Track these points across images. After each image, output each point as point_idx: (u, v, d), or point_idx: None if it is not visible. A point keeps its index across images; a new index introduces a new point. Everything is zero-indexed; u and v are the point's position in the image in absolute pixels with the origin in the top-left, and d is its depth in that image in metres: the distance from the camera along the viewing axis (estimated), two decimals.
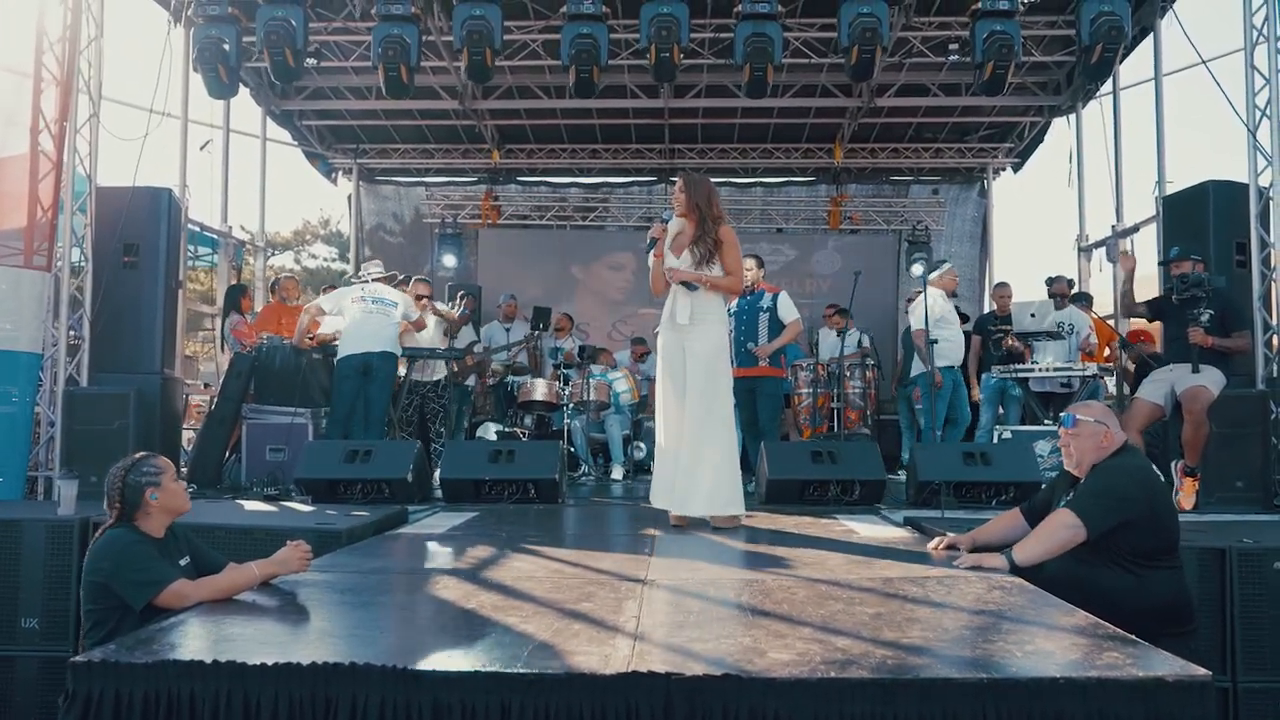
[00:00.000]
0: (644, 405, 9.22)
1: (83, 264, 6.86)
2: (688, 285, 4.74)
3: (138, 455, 3.22)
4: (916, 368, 7.81)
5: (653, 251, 4.82)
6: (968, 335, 9.23)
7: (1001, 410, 8.59)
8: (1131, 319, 7.76)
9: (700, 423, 4.70)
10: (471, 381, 9.49)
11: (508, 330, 9.84)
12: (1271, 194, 6.38)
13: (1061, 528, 3.39)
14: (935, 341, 7.40)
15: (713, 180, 5.01)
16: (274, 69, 7.95)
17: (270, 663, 2.18)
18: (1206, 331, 5.83)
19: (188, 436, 8.64)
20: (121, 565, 2.96)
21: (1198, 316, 5.86)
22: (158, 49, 7.86)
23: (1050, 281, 8.59)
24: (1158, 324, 6.62)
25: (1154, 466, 4.22)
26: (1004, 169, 12.83)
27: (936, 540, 3.92)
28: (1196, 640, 3.60)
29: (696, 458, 4.67)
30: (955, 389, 7.81)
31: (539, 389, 8.55)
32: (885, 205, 13.06)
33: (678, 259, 4.80)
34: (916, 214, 12.75)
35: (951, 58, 9.26)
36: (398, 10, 7.65)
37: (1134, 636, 2.42)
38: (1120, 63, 8.72)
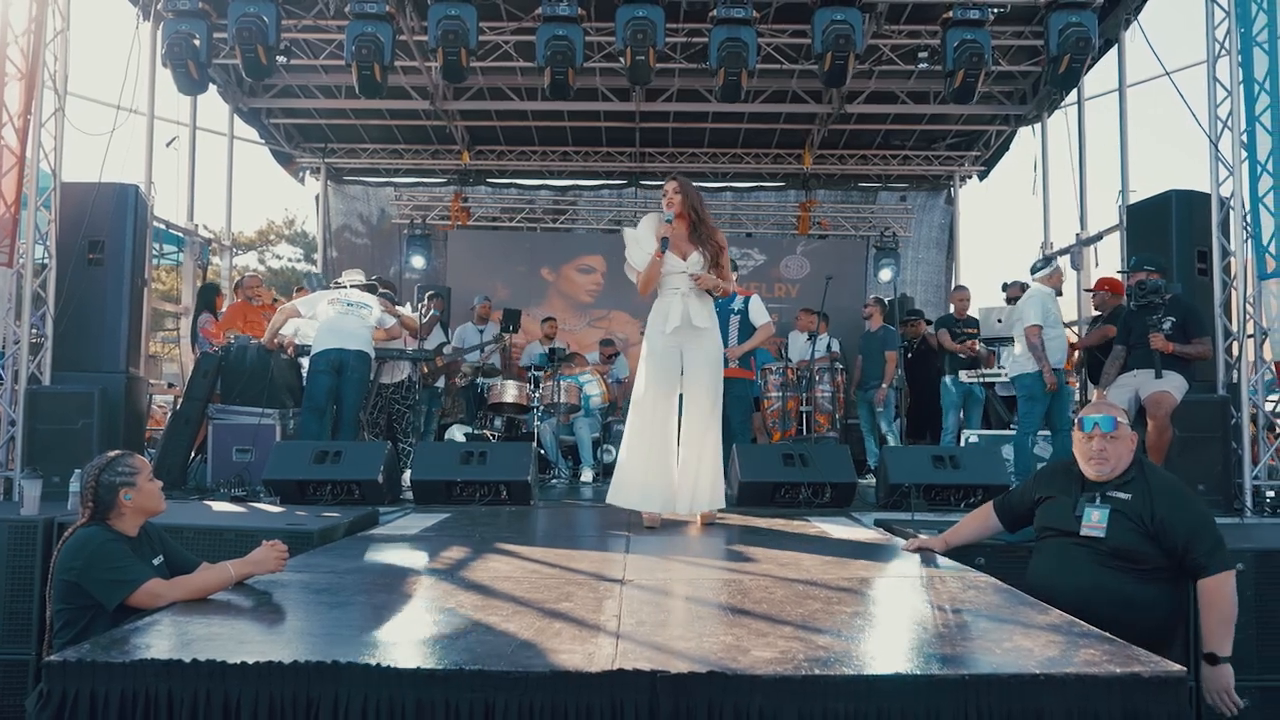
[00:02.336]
0: (613, 409, 9.23)
1: (46, 260, 6.74)
2: (711, 291, 4.85)
3: (113, 454, 3.17)
4: (1023, 367, 6.82)
5: (662, 251, 4.75)
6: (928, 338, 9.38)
7: (963, 414, 8.72)
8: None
9: (706, 424, 4.85)
10: (440, 383, 9.45)
11: (481, 332, 9.84)
12: (1232, 204, 6.51)
13: (1231, 584, 3.17)
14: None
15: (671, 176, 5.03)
16: (245, 66, 7.87)
17: (251, 662, 2.15)
18: (1168, 338, 5.95)
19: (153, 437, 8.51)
20: (94, 564, 2.91)
21: (1159, 323, 5.98)
22: (124, 44, 7.77)
23: (1005, 287, 8.84)
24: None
25: None
26: (970, 177, 13.00)
27: (909, 541, 3.95)
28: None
29: (702, 457, 4.83)
30: (1057, 394, 6.68)
31: (509, 391, 8.52)
32: (854, 211, 13.18)
33: (684, 260, 4.82)
34: (884, 220, 12.88)
35: (921, 66, 9.37)
36: (371, 9, 7.60)
37: (1110, 635, 2.46)
38: (1086, 73, 8.86)
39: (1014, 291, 8.73)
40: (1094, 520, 3.27)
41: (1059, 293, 7.02)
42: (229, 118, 11.11)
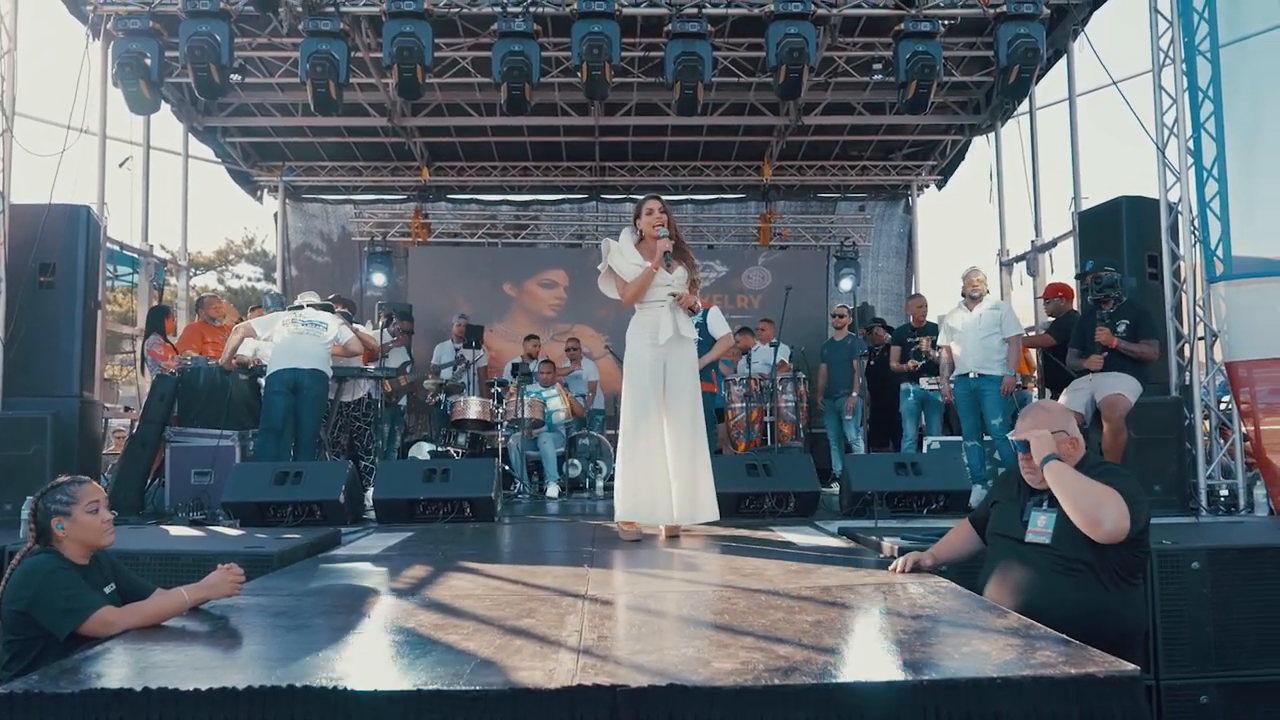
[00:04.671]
0: (581, 424, 9.22)
1: None
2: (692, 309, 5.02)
3: (61, 480, 3.12)
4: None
5: (651, 265, 4.88)
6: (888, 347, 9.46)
7: (924, 421, 8.79)
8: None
9: (693, 435, 4.95)
10: (403, 402, 9.38)
11: (458, 349, 9.86)
12: (1180, 209, 6.64)
13: (1114, 508, 2.98)
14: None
15: (644, 197, 5.11)
16: (198, 85, 7.79)
17: (204, 688, 2.11)
18: (1124, 340, 6.08)
19: (109, 462, 8.36)
20: (44, 593, 2.85)
21: (1105, 318, 6.14)
22: (75, 64, 7.66)
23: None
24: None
25: None
26: (928, 186, 13.14)
27: (899, 561, 3.65)
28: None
29: (695, 468, 4.92)
30: (968, 399, 6.87)
31: (473, 407, 8.48)
32: (814, 222, 13.28)
33: (670, 274, 4.93)
34: (844, 230, 12.99)
35: (876, 77, 9.48)
36: (326, 26, 7.56)
37: (1067, 637, 2.48)
38: (1036, 83, 9.01)
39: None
40: (1039, 525, 3.19)
41: (974, 296, 7.00)
42: (184, 137, 10.99)
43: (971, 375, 6.78)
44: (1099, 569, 3.04)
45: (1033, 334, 8.14)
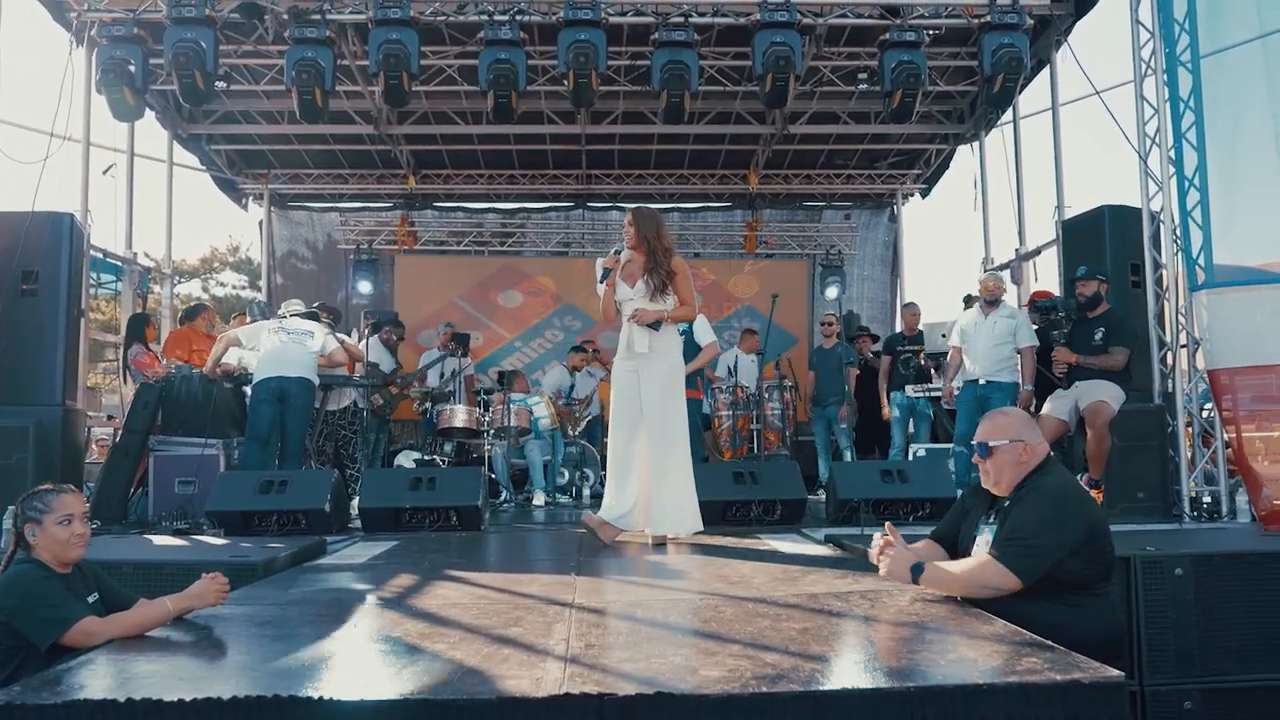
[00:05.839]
0: (567, 429, 9.19)
1: None
2: (652, 325, 4.95)
3: (42, 487, 3.09)
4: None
5: (605, 281, 4.98)
6: (877, 355, 9.51)
7: (912, 429, 8.82)
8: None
9: (664, 448, 4.97)
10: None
11: (444, 356, 9.87)
12: (1163, 218, 6.69)
13: (994, 577, 2.95)
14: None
15: (630, 205, 5.13)
16: (183, 92, 7.76)
17: (189, 699, 2.10)
18: (1095, 348, 6.27)
19: (92, 471, 8.29)
20: (26, 602, 2.82)
21: (1060, 339, 6.48)
22: (58, 71, 7.62)
23: (967, 300, 8.92)
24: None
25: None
26: (913, 194, 13.20)
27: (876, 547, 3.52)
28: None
29: (660, 481, 4.94)
30: (973, 404, 6.82)
31: (459, 415, 8.46)
32: (799, 230, 13.32)
33: (631, 289, 4.96)
34: (830, 239, 13.04)
35: (861, 87, 9.52)
36: (312, 34, 7.56)
37: (1053, 644, 2.49)
38: (1020, 92, 9.08)
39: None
40: (979, 544, 3.16)
41: (992, 301, 7.08)
42: (168, 144, 10.94)
43: (981, 382, 6.78)
44: (1046, 586, 2.96)
45: None
